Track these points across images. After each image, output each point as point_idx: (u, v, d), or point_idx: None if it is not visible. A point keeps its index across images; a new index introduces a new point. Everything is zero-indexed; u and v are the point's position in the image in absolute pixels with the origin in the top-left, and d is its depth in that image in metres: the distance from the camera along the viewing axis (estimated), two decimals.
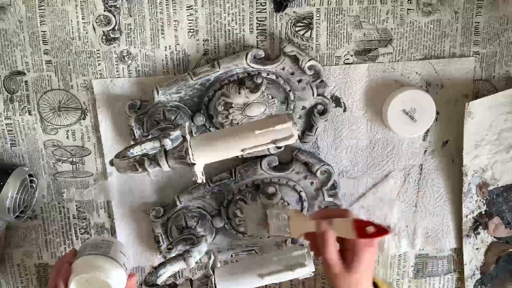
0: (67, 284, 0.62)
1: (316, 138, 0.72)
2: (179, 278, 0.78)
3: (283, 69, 0.67)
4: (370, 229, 0.55)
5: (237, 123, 0.68)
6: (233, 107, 0.66)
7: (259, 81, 0.65)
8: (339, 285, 0.58)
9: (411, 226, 0.75)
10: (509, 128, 0.70)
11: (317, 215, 0.61)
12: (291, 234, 0.60)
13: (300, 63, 0.66)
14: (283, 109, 0.68)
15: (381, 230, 0.55)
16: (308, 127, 0.70)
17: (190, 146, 0.54)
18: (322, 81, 0.68)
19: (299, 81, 0.68)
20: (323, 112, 0.69)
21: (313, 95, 0.68)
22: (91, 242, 0.68)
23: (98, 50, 0.69)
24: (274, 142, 0.53)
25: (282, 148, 0.70)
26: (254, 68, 0.67)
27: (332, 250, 0.57)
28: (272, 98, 0.66)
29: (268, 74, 0.67)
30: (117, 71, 0.70)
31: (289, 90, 0.68)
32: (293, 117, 0.65)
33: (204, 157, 0.55)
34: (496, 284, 0.76)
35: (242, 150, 0.54)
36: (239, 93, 0.65)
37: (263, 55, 0.67)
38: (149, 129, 0.68)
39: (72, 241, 0.77)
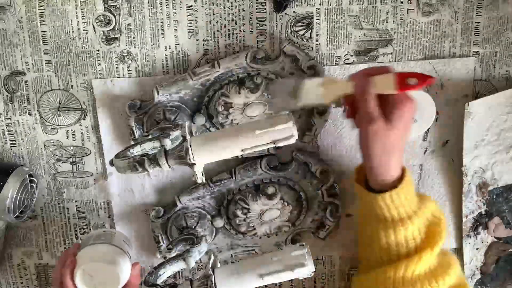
0: (73, 275, 0.62)
1: (316, 138, 0.72)
2: (179, 278, 0.78)
3: (283, 69, 0.67)
4: (412, 80, 0.54)
5: (237, 123, 0.68)
6: (233, 107, 0.66)
7: (259, 81, 0.65)
8: (379, 141, 0.57)
9: None
10: (509, 128, 0.70)
11: (355, 76, 0.59)
12: (324, 99, 0.59)
13: (300, 63, 0.66)
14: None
15: (423, 78, 0.54)
16: (308, 127, 0.70)
17: (190, 146, 0.54)
18: None
19: None
20: (322, 112, 0.69)
21: None
22: (94, 234, 0.69)
23: (98, 50, 0.69)
24: (274, 142, 0.53)
25: (282, 148, 0.70)
26: (254, 68, 0.67)
27: (373, 104, 0.56)
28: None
29: (268, 74, 0.67)
30: (117, 71, 0.70)
31: None
32: (293, 117, 0.65)
33: (204, 157, 0.55)
34: (496, 284, 0.76)
35: (242, 150, 0.54)
36: (239, 93, 0.65)
37: (263, 55, 0.67)
38: (149, 129, 0.69)
39: (72, 241, 0.77)
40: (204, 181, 0.58)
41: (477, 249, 0.75)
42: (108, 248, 0.66)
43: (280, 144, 0.53)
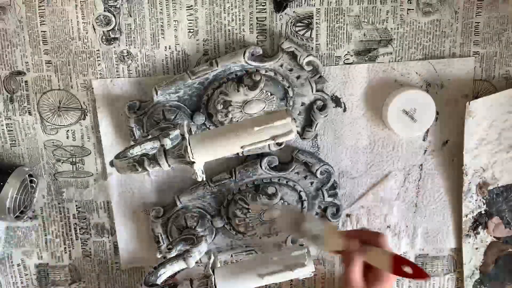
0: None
1: (316, 138, 0.72)
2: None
3: (281, 65, 0.67)
4: (408, 269, 0.55)
5: (237, 121, 0.68)
6: (232, 105, 0.66)
7: (257, 78, 0.65)
8: None
9: (411, 226, 0.75)
10: (509, 128, 0.70)
11: (350, 235, 0.61)
12: (325, 248, 0.61)
13: (298, 59, 0.66)
14: (283, 106, 0.68)
15: (418, 273, 0.55)
16: (308, 123, 0.70)
17: (189, 144, 0.54)
18: (320, 76, 0.68)
19: (298, 77, 0.68)
20: (322, 108, 0.69)
21: (312, 91, 0.68)
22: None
23: (98, 50, 0.69)
24: (273, 138, 0.53)
25: (283, 145, 0.70)
26: (252, 65, 0.67)
27: (358, 276, 0.58)
28: (271, 95, 0.66)
29: (266, 71, 0.67)
30: (117, 71, 0.70)
31: (288, 87, 0.68)
32: (292, 113, 0.65)
33: (203, 155, 0.55)
34: (495, 284, 0.76)
35: (241, 147, 0.54)
36: (238, 91, 0.65)
37: (261, 53, 0.67)
38: (148, 129, 0.68)
39: (72, 241, 0.77)
40: (204, 179, 0.57)
41: (476, 248, 0.75)
42: None
43: (280, 140, 0.53)
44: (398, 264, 0.56)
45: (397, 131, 0.69)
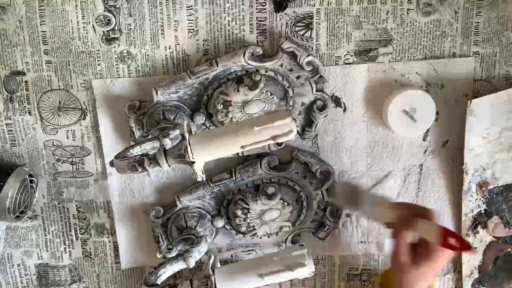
0: None
1: (316, 138, 0.72)
2: (179, 278, 0.78)
3: (281, 65, 0.67)
4: (454, 242, 0.57)
5: (237, 121, 0.68)
6: (232, 105, 0.66)
7: (257, 78, 0.65)
8: (404, 276, 0.62)
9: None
10: (510, 127, 0.70)
11: (400, 207, 0.65)
12: (377, 219, 0.67)
13: (298, 59, 0.66)
14: (283, 106, 0.68)
15: (464, 246, 0.57)
16: (308, 123, 0.70)
17: (189, 144, 0.54)
18: (320, 76, 0.68)
19: (298, 77, 0.68)
20: (322, 108, 0.69)
21: (312, 91, 0.68)
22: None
23: (98, 50, 0.69)
24: (273, 138, 0.53)
25: (283, 145, 0.70)
26: (252, 65, 0.67)
27: (404, 250, 0.62)
28: (271, 95, 0.66)
29: (266, 71, 0.67)
30: (117, 71, 0.70)
31: (288, 87, 0.68)
32: (292, 113, 0.65)
33: (203, 155, 0.55)
34: (493, 284, 0.76)
35: (241, 147, 0.54)
36: (238, 91, 0.65)
37: (261, 53, 0.67)
38: (148, 129, 0.69)
39: (72, 241, 0.77)
40: (204, 179, 0.57)
41: (475, 248, 0.75)
42: None
43: (280, 140, 0.53)
44: (446, 236, 0.57)
45: (397, 131, 0.69)
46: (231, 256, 0.76)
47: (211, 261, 0.65)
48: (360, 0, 0.67)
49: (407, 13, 0.68)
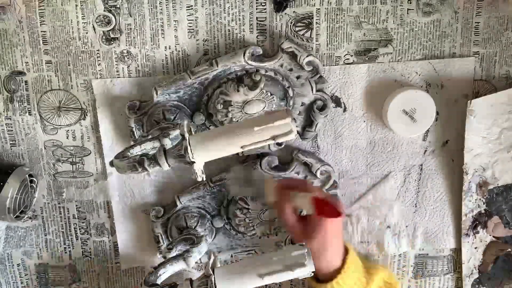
0: None
1: (316, 138, 0.72)
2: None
3: (282, 65, 0.67)
4: (326, 208, 0.58)
5: (237, 121, 0.68)
6: (232, 105, 0.66)
7: (257, 78, 0.65)
8: (298, 236, 0.63)
9: (411, 226, 0.75)
10: (510, 127, 0.70)
11: (280, 184, 0.65)
12: (266, 198, 0.66)
13: (298, 59, 0.66)
14: (283, 106, 0.68)
15: (333, 211, 0.58)
16: (308, 123, 0.70)
17: (189, 144, 0.54)
18: (321, 76, 0.68)
19: (298, 77, 0.68)
20: (322, 108, 0.69)
21: (312, 91, 0.68)
22: None
23: (98, 50, 0.69)
24: (273, 138, 0.53)
25: (283, 145, 0.70)
26: (252, 65, 0.67)
27: (291, 218, 0.63)
28: (271, 95, 0.66)
29: (266, 71, 0.67)
30: (117, 71, 0.70)
31: (288, 87, 0.68)
32: (292, 113, 0.65)
33: (203, 155, 0.55)
34: (493, 284, 0.76)
35: (241, 147, 0.54)
36: (238, 91, 0.65)
37: (261, 52, 0.67)
38: (148, 129, 0.68)
39: (72, 241, 0.77)
40: (204, 179, 0.57)
41: (475, 248, 0.75)
42: None
43: (280, 140, 0.53)
44: (318, 205, 0.59)
45: (397, 131, 0.69)
46: (231, 256, 0.76)
47: (211, 261, 0.65)
48: (360, 0, 0.67)
49: (407, 13, 0.68)
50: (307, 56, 0.66)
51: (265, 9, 0.68)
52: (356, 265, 0.65)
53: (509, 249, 0.75)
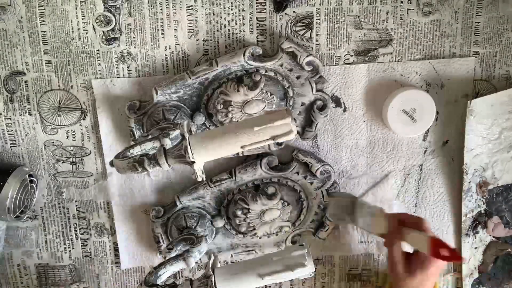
0: None
1: (316, 138, 0.72)
2: (179, 278, 0.78)
3: (282, 65, 0.67)
4: (445, 252, 0.57)
5: (237, 121, 0.68)
6: (232, 105, 0.66)
7: (257, 78, 0.65)
8: (400, 283, 0.63)
9: None
10: (510, 128, 0.70)
11: (393, 217, 0.65)
12: (372, 230, 0.67)
13: (298, 59, 0.66)
14: (283, 106, 0.68)
15: (454, 256, 0.58)
16: (308, 123, 0.70)
17: (189, 144, 0.54)
18: (320, 76, 0.68)
19: (298, 77, 0.68)
20: (322, 108, 0.69)
21: (312, 91, 0.68)
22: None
23: (98, 50, 0.69)
24: (273, 138, 0.53)
25: (283, 145, 0.70)
26: (252, 65, 0.67)
27: (398, 256, 0.63)
28: (271, 95, 0.66)
29: (266, 71, 0.67)
30: (117, 71, 0.70)
31: (288, 87, 0.68)
32: (292, 112, 0.65)
33: (203, 155, 0.55)
34: (493, 284, 0.76)
35: (241, 147, 0.54)
36: (238, 91, 0.65)
37: (261, 52, 0.67)
38: (148, 129, 0.68)
39: (72, 241, 0.77)
40: (204, 179, 0.57)
41: (475, 248, 0.75)
42: None
43: (279, 140, 0.53)
44: (436, 247, 0.58)
45: (397, 131, 0.69)
46: (231, 256, 0.76)
47: (211, 261, 0.65)
48: (360, 0, 0.67)
49: (407, 13, 0.68)
50: (307, 56, 0.66)
51: (265, 9, 0.68)
52: None
53: (509, 249, 0.75)
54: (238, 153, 0.70)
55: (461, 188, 0.72)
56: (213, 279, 0.61)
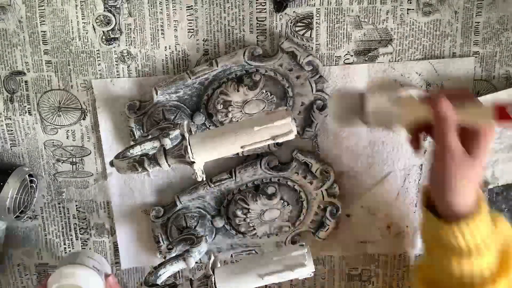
0: None
1: (316, 138, 0.72)
2: (179, 278, 0.78)
3: (281, 65, 0.67)
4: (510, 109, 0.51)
5: (237, 121, 0.68)
6: (232, 105, 0.66)
7: (257, 78, 0.65)
8: (461, 175, 0.54)
9: (411, 226, 0.75)
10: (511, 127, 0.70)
11: (433, 99, 0.56)
12: (401, 122, 0.56)
13: (298, 59, 0.66)
14: (282, 106, 0.68)
15: None
16: (308, 123, 0.70)
17: (189, 144, 0.54)
18: (320, 76, 0.68)
19: (298, 77, 0.68)
20: (322, 108, 0.69)
21: (312, 90, 0.68)
22: (59, 262, 0.70)
23: (98, 50, 0.69)
24: (273, 138, 0.53)
25: (283, 144, 0.70)
26: (252, 65, 0.67)
27: (454, 136, 0.54)
28: (271, 95, 0.66)
29: (266, 71, 0.67)
30: (117, 71, 0.70)
31: (288, 87, 0.68)
32: (292, 112, 0.65)
33: (203, 155, 0.55)
34: None
35: (241, 147, 0.54)
36: (238, 90, 0.65)
37: (261, 52, 0.67)
38: (148, 129, 0.69)
39: (72, 241, 0.77)
40: (204, 179, 0.57)
41: None
42: (70, 267, 0.66)
43: (280, 140, 0.53)
44: (502, 109, 0.51)
45: (397, 131, 0.69)
46: (231, 256, 0.76)
47: (211, 261, 0.65)
48: (360, 0, 0.67)
49: (407, 13, 0.68)
50: (307, 56, 0.66)
51: (265, 9, 0.68)
52: (487, 208, 0.57)
53: None
54: (238, 153, 0.70)
55: None
56: (213, 279, 0.62)
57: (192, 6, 0.68)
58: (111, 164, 0.60)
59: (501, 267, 0.58)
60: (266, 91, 0.66)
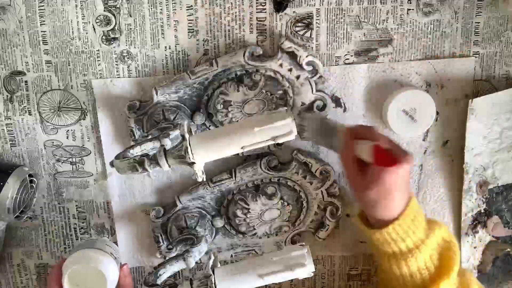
0: (61, 284, 0.63)
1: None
2: (179, 278, 0.78)
3: (281, 65, 0.67)
4: (386, 158, 0.55)
5: (237, 121, 0.68)
6: (232, 105, 0.66)
7: (257, 78, 0.65)
8: (357, 194, 0.61)
9: None
10: (511, 127, 0.70)
11: (348, 131, 0.62)
12: (338, 148, 0.63)
13: (298, 59, 0.66)
14: (282, 106, 0.68)
15: (391, 161, 0.55)
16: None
17: (189, 144, 0.54)
18: (320, 76, 0.68)
19: (298, 77, 0.68)
20: (322, 108, 0.69)
21: (312, 91, 0.68)
22: (76, 245, 0.70)
23: (98, 50, 0.69)
24: (274, 138, 0.53)
25: (282, 144, 0.70)
26: (252, 65, 0.67)
27: (349, 168, 0.60)
28: (271, 95, 0.66)
29: (266, 71, 0.67)
30: (117, 71, 0.70)
31: (288, 87, 0.68)
32: (292, 113, 0.65)
33: (203, 155, 0.55)
34: (492, 284, 0.76)
35: (242, 148, 0.54)
36: (238, 90, 0.65)
37: (261, 52, 0.67)
38: (149, 130, 0.69)
39: (72, 241, 0.77)
40: (205, 179, 0.58)
41: (475, 247, 0.75)
42: (90, 251, 0.66)
43: (280, 141, 0.53)
44: (378, 154, 0.56)
45: (397, 131, 0.69)
46: (231, 256, 0.76)
47: (211, 261, 0.65)
48: (360, 0, 0.67)
49: (407, 13, 0.68)
50: (307, 56, 0.66)
51: (265, 9, 0.68)
52: (417, 215, 0.60)
53: (508, 249, 0.75)
54: (238, 153, 0.70)
55: (461, 188, 0.72)
56: (213, 279, 0.62)
57: (192, 6, 0.68)
58: (111, 164, 0.60)
59: (440, 268, 0.61)
60: (266, 91, 0.66)
